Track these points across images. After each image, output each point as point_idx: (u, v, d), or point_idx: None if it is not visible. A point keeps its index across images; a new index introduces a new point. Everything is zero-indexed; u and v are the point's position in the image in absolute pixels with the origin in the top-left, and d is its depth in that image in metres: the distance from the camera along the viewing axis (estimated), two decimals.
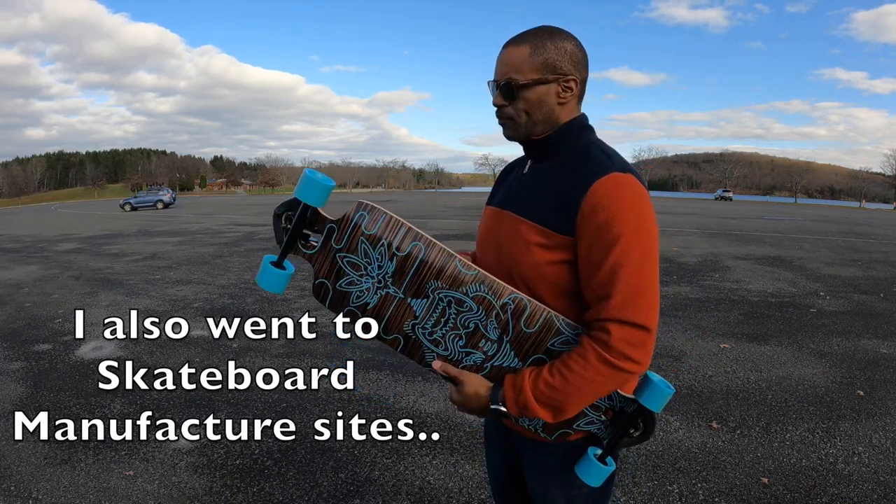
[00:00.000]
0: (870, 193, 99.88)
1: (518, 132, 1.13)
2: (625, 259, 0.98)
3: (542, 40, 1.08)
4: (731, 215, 25.21)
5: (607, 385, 1.03)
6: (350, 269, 1.11)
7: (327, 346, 4.53)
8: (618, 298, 0.99)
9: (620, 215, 0.99)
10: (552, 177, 1.10)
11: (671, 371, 3.97)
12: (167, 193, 31.89)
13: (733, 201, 58.72)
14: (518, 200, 1.14)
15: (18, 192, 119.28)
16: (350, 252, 1.10)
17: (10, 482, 2.56)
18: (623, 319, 0.98)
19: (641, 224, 1.00)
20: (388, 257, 1.08)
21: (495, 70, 1.12)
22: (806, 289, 6.99)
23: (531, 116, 1.10)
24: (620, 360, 0.99)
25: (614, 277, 0.99)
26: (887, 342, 4.70)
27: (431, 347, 1.12)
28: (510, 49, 1.09)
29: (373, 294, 1.11)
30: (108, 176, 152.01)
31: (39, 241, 13.91)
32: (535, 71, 1.07)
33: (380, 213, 1.08)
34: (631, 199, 1.00)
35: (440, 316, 1.09)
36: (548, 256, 1.06)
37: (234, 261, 9.46)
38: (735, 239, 13.27)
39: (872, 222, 23.54)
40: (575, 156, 1.09)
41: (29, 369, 4.09)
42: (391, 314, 1.11)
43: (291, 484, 2.55)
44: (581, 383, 1.01)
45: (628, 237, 0.98)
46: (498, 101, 1.12)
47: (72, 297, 6.66)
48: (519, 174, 1.20)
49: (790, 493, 2.46)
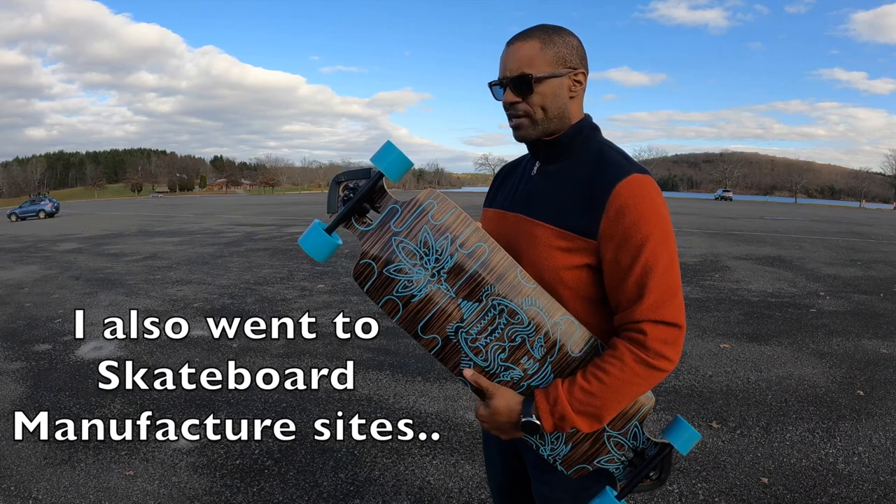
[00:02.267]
0: (870, 193, 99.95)
1: (534, 130, 1.09)
2: (655, 261, 0.99)
3: (549, 35, 1.07)
4: (731, 215, 25.22)
5: (643, 386, 1.02)
6: (404, 256, 1.03)
7: (327, 346, 4.53)
8: (651, 300, 0.99)
9: (646, 217, 0.99)
10: (568, 178, 1.08)
11: (671, 371, 3.97)
12: (49, 203, 32.05)
13: (733, 201, 58.75)
14: (530, 202, 1.11)
15: (18, 192, 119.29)
16: (409, 238, 1.03)
17: (10, 482, 2.56)
18: (658, 319, 0.99)
19: (666, 226, 1.01)
20: (449, 252, 1.02)
21: (503, 68, 1.08)
22: (806, 289, 6.99)
23: (547, 112, 1.07)
24: (657, 360, 0.99)
25: (647, 279, 0.99)
26: (887, 342, 4.70)
27: (471, 355, 1.05)
28: (518, 44, 1.07)
29: (422, 287, 1.03)
30: (107, 176, 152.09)
31: (39, 241, 13.92)
32: (548, 64, 1.05)
33: (450, 205, 1.03)
34: (655, 201, 1.01)
35: (488, 324, 1.03)
36: (569, 261, 1.04)
37: (234, 261, 9.46)
38: (735, 239, 13.27)
39: (872, 222, 23.55)
40: (589, 156, 1.08)
41: (29, 369, 4.09)
42: (436, 312, 1.03)
43: (291, 484, 2.55)
44: (619, 386, 0.99)
45: (656, 239, 0.99)
46: (511, 97, 1.07)
47: (72, 297, 6.66)
48: (525, 175, 1.17)
49: (790, 493, 2.46)
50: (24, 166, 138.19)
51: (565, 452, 1.07)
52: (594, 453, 1.07)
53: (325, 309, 5.81)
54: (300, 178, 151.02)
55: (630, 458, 1.08)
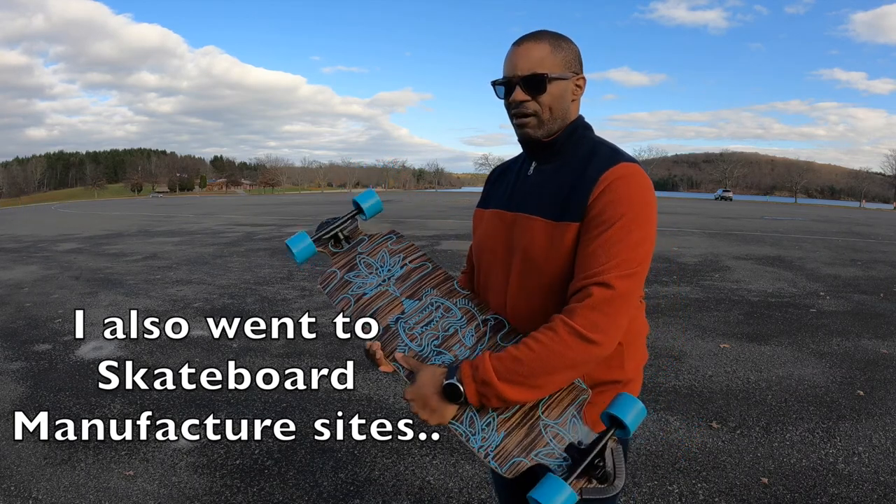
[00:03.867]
0: (870, 193, 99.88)
1: (540, 130, 1.12)
2: (623, 235, 1.00)
3: (557, 40, 1.11)
4: (731, 215, 25.21)
5: (575, 360, 0.98)
6: (363, 267, 1.26)
7: (327, 346, 4.53)
8: (601, 265, 0.99)
9: (627, 198, 1.02)
10: (562, 174, 1.11)
11: (671, 371, 3.97)
12: None
13: (733, 201, 58.72)
14: (527, 200, 1.14)
15: (18, 192, 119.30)
16: (370, 255, 1.28)
17: (10, 482, 2.56)
18: (598, 282, 0.98)
19: (645, 210, 1.03)
20: (399, 265, 1.24)
21: (511, 67, 1.10)
22: (806, 289, 6.99)
23: (553, 112, 1.11)
24: (590, 331, 0.97)
25: (608, 249, 0.99)
26: (887, 342, 4.70)
27: (406, 341, 1.16)
28: (529, 45, 1.10)
29: (373, 288, 1.23)
30: (107, 176, 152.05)
31: (39, 241, 13.91)
32: (559, 67, 1.10)
33: (404, 240, 1.29)
34: (638, 187, 1.04)
35: (426, 317, 1.18)
36: (567, 249, 1.05)
37: (234, 261, 9.45)
38: (735, 239, 13.26)
39: (872, 222, 23.54)
40: (582, 153, 1.12)
41: (29, 369, 4.09)
42: (381, 306, 1.21)
43: (291, 484, 2.55)
44: (548, 355, 0.97)
45: (630, 217, 1.01)
46: (521, 96, 1.10)
47: (72, 297, 6.66)
48: (521, 176, 1.20)
49: (790, 493, 2.46)
50: (24, 166, 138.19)
51: (497, 442, 1.01)
52: (530, 444, 1.00)
53: (325, 309, 5.81)
54: (300, 178, 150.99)
55: (574, 456, 0.97)
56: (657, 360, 4.20)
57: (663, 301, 6.16)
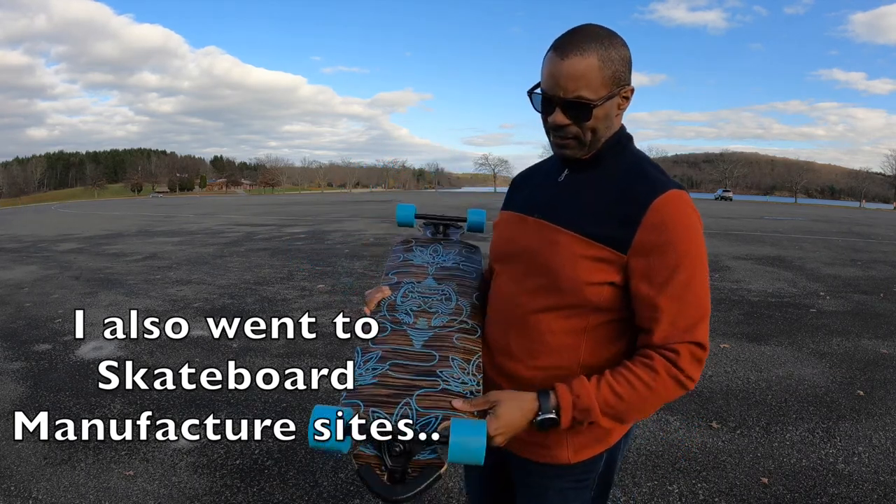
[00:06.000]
0: (870, 193, 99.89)
1: (580, 151, 1.04)
2: (691, 282, 0.97)
3: (607, 50, 0.97)
4: (731, 215, 25.21)
5: (666, 400, 1.00)
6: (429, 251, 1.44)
7: (327, 346, 4.53)
8: (685, 321, 0.97)
9: (684, 236, 0.97)
10: (599, 188, 1.03)
11: None
12: None
13: (733, 201, 58.71)
14: (555, 209, 1.06)
15: (18, 192, 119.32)
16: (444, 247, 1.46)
17: (10, 482, 2.55)
18: (691, 341, 0.97)
19: (702, 245, 1.00)
20: (452, 262, 1.39)
21: (553, 83, 0.98)
22: (806, 289, 6.98)
23: (596, 134, 1.02)
24: (687, 380, 0.98)
25: (682, 299, 0.96)
26: (887, 342, 4.70)
27: (398, 296, 1.26)
28: (575, 59, 0.96)
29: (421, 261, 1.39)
30: (107, 176, 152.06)
31: (39, 241, 13.91)
32: (606, 86, 0.98)
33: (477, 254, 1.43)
34: (692, 218, 0.99)
35: (430, 293, 1.27)
36: (595, 276, 1.00)
37: (234, 261, 9.45)
38: (735, 239, 13.26)
39: (872, 222, 23.54)
40: (622, 167, 1.04)
41: (29, 369, 4.09)
42: (412, 271, 1.36)
43: (291, 484, 2.55)
44: (647, 395, 0.97)
45: (692, 259, 0.97)
46: (563, 120, 1.00)
47: (72, 297, 6.66)
48: (550, 181, 1.12)
49: (790, 493, 2.46)
50: (24, 166, 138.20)
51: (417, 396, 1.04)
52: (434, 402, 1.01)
53: (325, 309, 5.81)
54: (300, 179, 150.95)
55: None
56: None
57: None
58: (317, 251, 10.61)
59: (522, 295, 1.08)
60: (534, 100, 1.04)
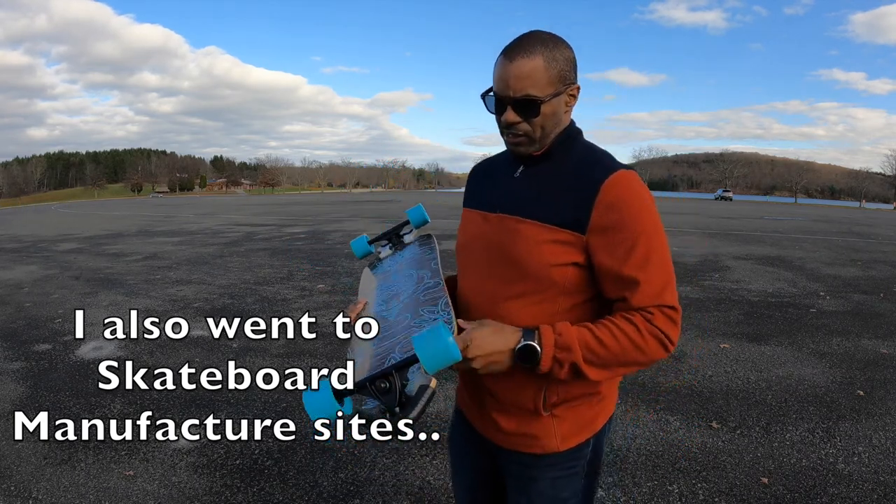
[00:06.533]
0: (870, 193, 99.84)
1: (532, 147, 1.11)
2: (652, 250, 1.02)
3: (551, 51, 1.05)
4: (731, 215, 25.21)
5: (647, 358, 1.02)
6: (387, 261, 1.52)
7: (327, 346, 4.53)
8: (653, 286, 1.02)
9: (637, 210, 1.02)
10: (553, 178, 1.09)
11: (671, 371, 3.97)
12: None
13: (733, 201, 58.71)
14: (514, 203, 1.12)
15: (18, 192, 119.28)
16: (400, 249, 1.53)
17: (10, 482, 2.55)
18: (661, 304, 1.02)
19: (656, 217, 1.05)
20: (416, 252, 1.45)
21: (503, 84, 1.05)
22: (806, 289, 6.98)
23: (545, 130, 1.09)
24: (665, 339, 1.01)
25: (645, 269, 1.01)
26: (887, 342, 4.70)
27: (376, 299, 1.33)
28: (522, 62, 1.03)
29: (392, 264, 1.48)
30: (107, 176, 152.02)
31: (39, 241, 13.91)
32: (552, 84, 1.05)
33: (433, 243, 1.42)
34: (644, 195, 1.05)
35: (396, 279, 1.35)
36: (557, 257, 1.05)
37: (234, 261, 9.45)
38: (735, 239, 13.26)
39: (872, 222, 23.54)
40: (573, 157, 1.10)
41: (29, 369, 4.09)
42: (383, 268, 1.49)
43: (291, 484, 2.55)
44: (629, 346, 1.00)
45: (648, 230, 1.03)
46: (513, 118, 1.07)
47: (72, 297, 6.66)
48: (505, 178, 1.18)
49: (790, 493, 2.46)
50: (24, 166, 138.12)
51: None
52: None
53: (325, 309, 5.81)
54: (300, 178, 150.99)
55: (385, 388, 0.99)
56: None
57: None
58: (317, 251, 10.61)
59: (492, 286, 1.13)
60: (487, 102, 1.11)
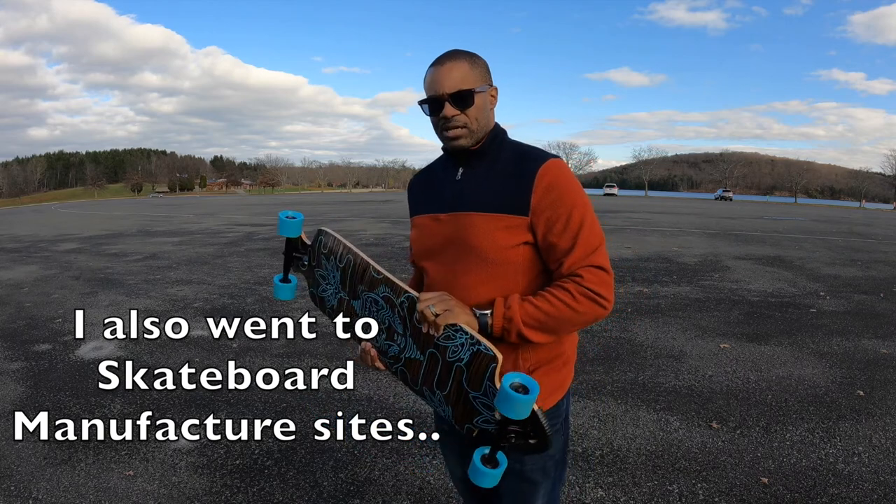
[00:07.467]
0: (870, 193, 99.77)
1: (470, 139, 1.24)
2: (582, 222, 1.19)
3: (471, 57, 1.24)
4: (731, 215, 25.20)
5: (586, 317, 1.17)
6: (321, 280, 1.40)
7: (327, 346, 4.53)
8: (583, 251, 1.18)
9: (568, 191, 1.19)
10: (494, 174, 1.24)
11: (671, 371, 3.97)
12: None
13: (733, 201, 58.70)
14: (463, 200, 1.25)
15: (18, 192, 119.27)
16: (318, 267, 1.39)
17: (10, 482, 2.56)
18: (592, 264, 1.17)
19: (584, 196, 1.22)
20: (336, 269, 1.34)
21: (437, 86, 1.21)
22: (806, 289, 6.98)
23: (479, 122, 1.24)
24: (597, 297, 1.16)
25: (578, 236, 1.18)
26: (887, 342, 4.70)
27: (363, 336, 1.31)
28: (450, 65, 1.21)
29: (334, 297, 1.37)
30: (107, 176, 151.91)
31: (39, 241, 13.91)
32: (479, 81, 1.23)
33: (331, 236, 1.36)
34: (572, 178, 1.22)
35: (371, 313, 1.30)
36: (510, 240, 1.20)
37: (234, 261, 9.45)
38: (735, 239, 13.26)
39: (872, 222, 23.54)
40: (507, 154, 1.26)
41: (29, 369, 4.09)
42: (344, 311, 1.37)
43: (291, 484, 2.55)
44: (563, 309, 1.15)
45: (579, 206, 1.19)
46: (452, 111, 1.21)
47: (72, 297, 6.66)
48: (449, 181, 1.30)
49: (790, 493, 2.46)
50: (24, 166, 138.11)
51: (451, 413, 1.19)
52: (468, 413, 1.16)
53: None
54: (300, 179, 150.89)
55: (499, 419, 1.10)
56: (657, 360, 4.20)
57: (663, 301, 6.15)
58: None
59: (456, 276, 1.24)
60: (424, 108, 1.26)
